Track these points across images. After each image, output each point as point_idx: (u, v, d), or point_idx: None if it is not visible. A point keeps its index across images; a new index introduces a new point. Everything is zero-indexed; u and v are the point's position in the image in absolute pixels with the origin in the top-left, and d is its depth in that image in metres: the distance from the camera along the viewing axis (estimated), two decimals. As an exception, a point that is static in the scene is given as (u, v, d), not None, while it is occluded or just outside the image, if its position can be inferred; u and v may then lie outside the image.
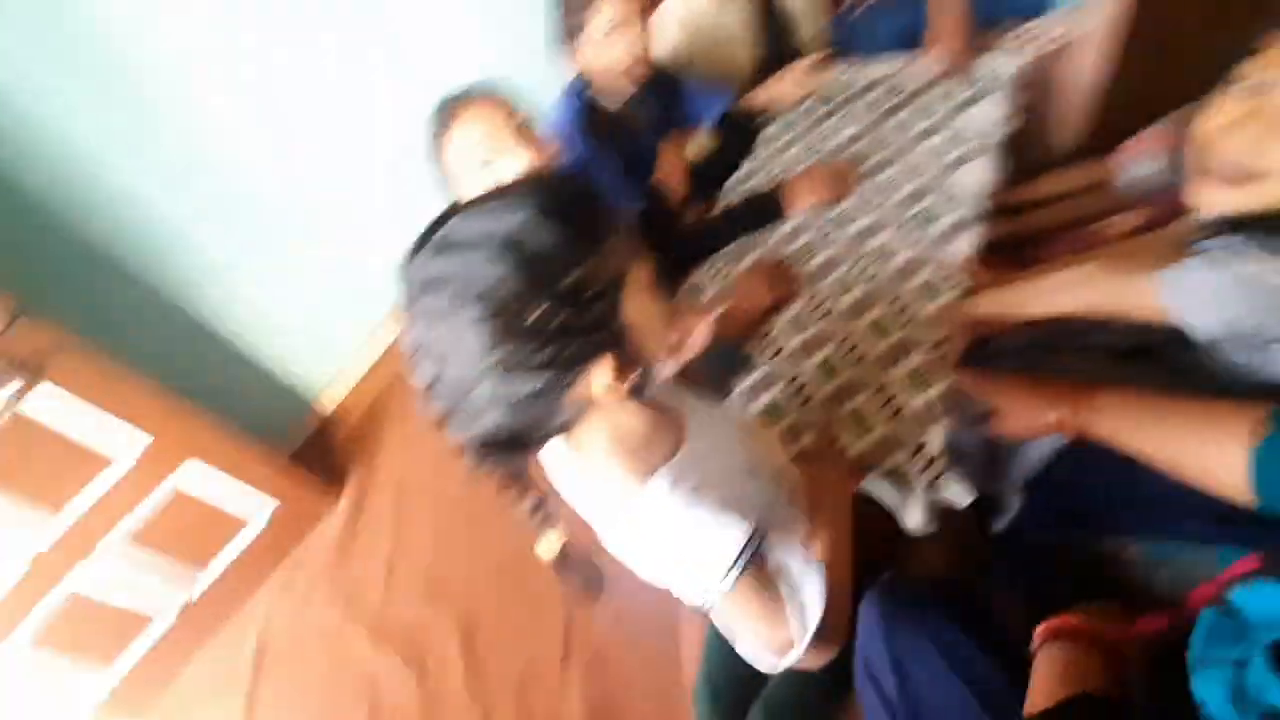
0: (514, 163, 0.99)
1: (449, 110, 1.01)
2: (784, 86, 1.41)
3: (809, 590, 0.70)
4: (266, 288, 1.87)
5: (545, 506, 0.63)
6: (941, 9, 1.32)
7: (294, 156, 1.82)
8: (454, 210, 0.53)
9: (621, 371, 0.55)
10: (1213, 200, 0.66)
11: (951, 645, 0.72)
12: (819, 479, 0.86)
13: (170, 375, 1.50)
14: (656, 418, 0.64)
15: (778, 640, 0.69)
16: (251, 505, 1.67)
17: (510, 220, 0.50)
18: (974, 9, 1.33)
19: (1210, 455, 0.62)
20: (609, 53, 1.16)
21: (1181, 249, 0.73)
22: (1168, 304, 0.70)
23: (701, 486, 0.62)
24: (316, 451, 2.01)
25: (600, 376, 0.54)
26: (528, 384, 0.51)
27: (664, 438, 0.64)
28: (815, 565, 0.72)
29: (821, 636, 0.70)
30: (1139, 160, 1.06)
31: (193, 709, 1.63)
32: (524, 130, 1.02)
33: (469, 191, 0.98)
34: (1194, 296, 0.69)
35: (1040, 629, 0.67)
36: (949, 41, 1.29)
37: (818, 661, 0.73)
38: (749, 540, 0.63)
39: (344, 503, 1.86)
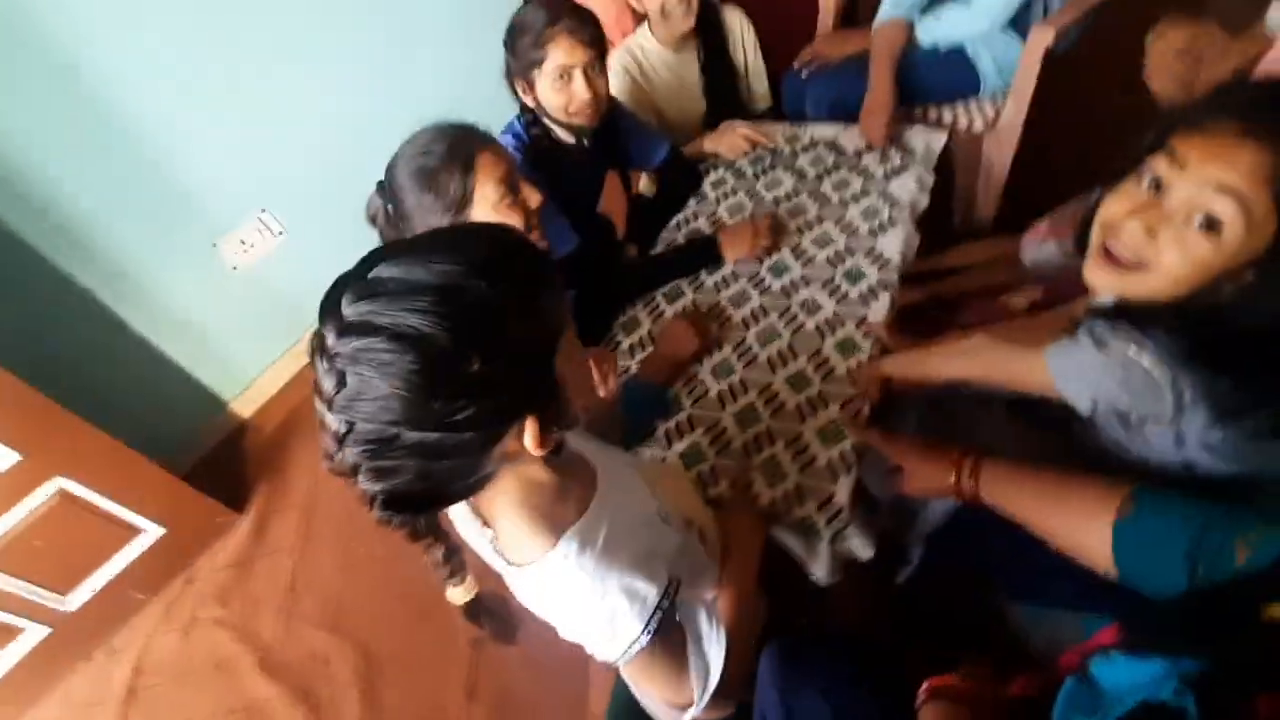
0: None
1: (466, 152, 0.92)
2: (731, 139, 1.46)
3: (713, 652, 0.71)
4: (178, 287, 1.77)
5: (456, 557, 0.60)
6: (876, 85, 1.41)
7: (218, 138, 1.74)
8: (382, 253, 0.49)
9: (546, 429, 0.52)
10: (1102, 280, 0.70)
11: (843, 701, 0.74)
12: (732, 525, 0.87)
13: (52, 377, 1.36)
14: (566, 474, 0.62)
15: (681, 698, 0.69)
16: (137, 523, 1.54)
17: (447, 269, 0.46)
18: (906, 87, 1.42)
19: (1078, 528, 0.66)
20: (564, 92, 1.17)
21: (1071, 327, 0.79)
22: (1052, 378, 0.75)
23: (611, 545, 0.61)
24: (222, 464, 1.89)
25: (527, 435, 0.51)
26: (451, 440, 0.47)
27: (573, 495, 0.62)
28: (719, 625, 0.73)
29: (723, 692, 0.70)
30: (1040, 244, 1.14)
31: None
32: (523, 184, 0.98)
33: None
34: (1075, 373, 0.73)
35: (924, 687, 0.69)
36: (879, 115, 1.37)
37: (719, 714, 0.73)
38: (657, 605, 0.62)
39: (246, 521, 1.74)
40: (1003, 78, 1.46)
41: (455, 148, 0.92)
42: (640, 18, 1.58)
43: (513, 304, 0.48)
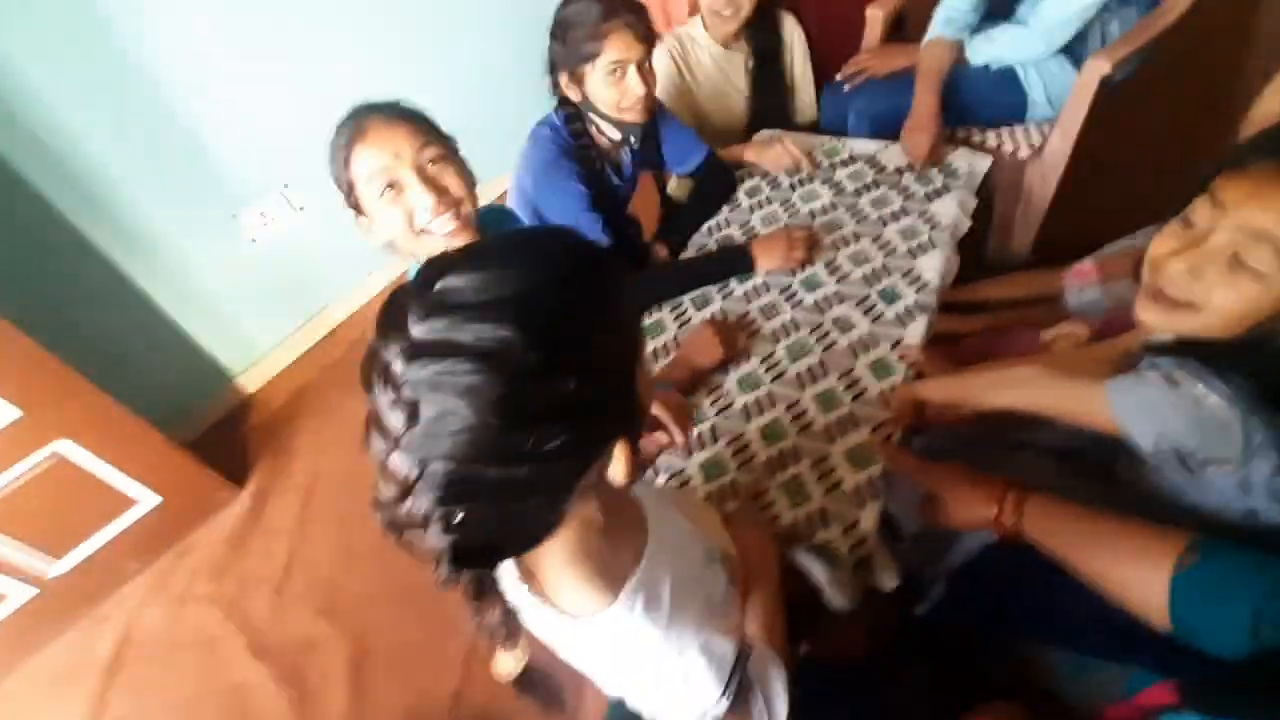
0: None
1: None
2: (775, 154, 1.42)
3: (775, 688, 0.64)
4: (195, 255, 1.75)
5: (513, 619, 0.50)
6: (920, 104, 1.37)
7: (248, 109, 1.72)
8: (446, 262, 0.42)
9: (633, 457, 0.46)
10: (1153, 318, 0.69)
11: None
12: (746, 542, 0.83)
13: (60, 337, 1.34)
14: (616, 514, 0.55)
15: None
16: (134, 491, 1.52)
17: (528, 277, 0.40)
18: (951, 107, 1.39)
19: (1132, 575, 0.63)
20: (617, 87, 1.15)
21: (1131, 360, 0.75)
22: (1114, 413, 0.71)
23: (678, 597, 0.55)
24: (224, 438, 1.87)
25: (617, 461, 0.45)
26: (542, 475, 0.42)
27: (627, 539, 0.56)
28: (776, 661, 0.67)
29: None
30: (1084, 287, 1.11)
31: (27, 704, 1.44)
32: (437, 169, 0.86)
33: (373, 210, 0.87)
34: (1141, 409, 0.69)
35: (952, 733, 0.66)
36: (923, 133, 1.34)
37: None
38: (735, 665, 0.57)
39: (245, 497, 1.72)
40: (1052, 105, 1.42)
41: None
42: (695, 7, 1.55)
43: (598, 314, 0.43)
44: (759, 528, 0.87)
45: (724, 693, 0.54)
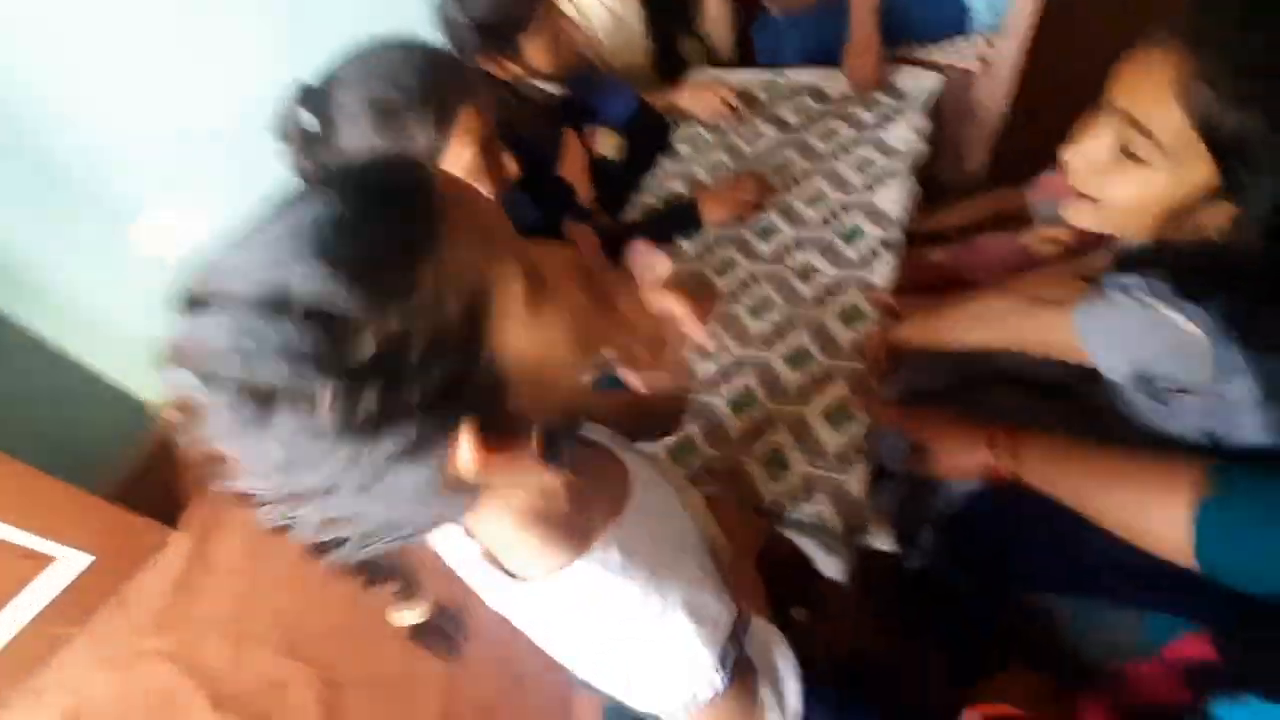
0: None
1: (445, 101, 0.72)
2: (710, 101, 1.30)
3: (788, 687, 0.57)
4: (82, 282, 1.56)
5: (413, 584, 0.46)
6: (859, 26, 1.27)
7: (121, 107, 1.52)
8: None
9: (493, 438, 0.35)
10: (1075, 216, 0.66)
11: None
12: (730, 530, 0.75)
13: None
14: (588, 472, 0.47)
15: None
16: (56, 552, 1.36)
17: (281, 269, 0.30)
18: (889, 26, 1.29)
19: (1149, 515, 0.57)
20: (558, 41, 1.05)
21: (1091, 282, 0.69)
22: (1083, 343, 0.66)
23: (664, 556, 0.48)
24: (153, 477, 1.70)
25: (464, 454, 0.35)
26: (378, 497, 0.34)
27: (602, 496, 0.48)
28: (782, 641, 0.60)
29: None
30: (1053, 198, 1.04)
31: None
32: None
33: None
34: (1111, 337, 0.65)
35: (970, 717, 0.60)
36: (865, 55, 1.24)
37: None
38: (732, 632, 0.48)
39: (185, 538, 1.57)
40: (994, 13, 1.34)
41: (432, 90, 0.71)
42: None
43: (382, 288, 0.31)
44: (744, 517, 0.80)
45: (719, 663, 0.45)
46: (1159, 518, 0.56)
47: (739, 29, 1.57)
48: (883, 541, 0.83)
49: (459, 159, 0.74)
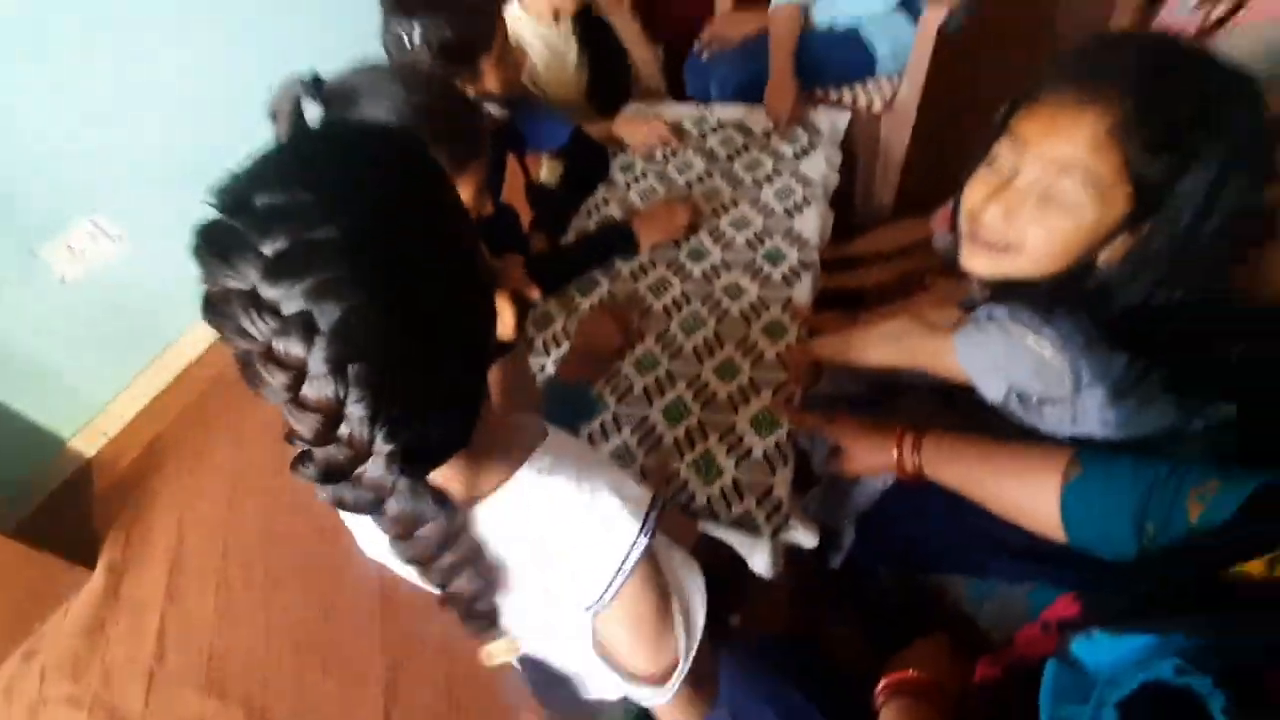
0: None
1: (467, 145, 0.77)
2: (645, 134, 1.38)
3: (694, 595, 0.62)
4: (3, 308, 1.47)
5: (490, 591, 0.49)
6: (777, 69, 1.39)
7: (30, 123, 1.46)
8: (250, 183, 0.36)
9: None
10: (979, 265, 0.69)
11: (791, 709, 0.69)
12: (668, 529, 0.80)
13: None
14: (514, 410, 0.54)
15: (663, 659, 0.58)
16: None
17: (349, 175, 0.37)
18: (804, 69, 1.41)
19: (1026, 493, 0.65)
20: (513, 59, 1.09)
21: (966, 309, 0.78)
22: (961, 364, 0.74)
23: (589, 461, 0.53)
24: (64, 511, 1.60)
25: (504, 316, 0.49)
26: (453, 342, 0.41)
27: (528, 426, 0.53)
28: (693, 567, 0.64)
29: (699, 685, 0.61)
30: (944, 231, 1.16)
31: None
32: None
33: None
34: (984, 361, 0.72)
35: (882, 684, 0.66)
36: (783, 97, 1.36)
37: (697, 713, 0.63)
38: (651, 504, 0.53)
39: (97, 576, 1.48)
40: (897, 60, 1.48)
41: (459, 132, 0.75)
42: None
43: (433, 195, 0.42)
44: (676, 515, 0.85)
45: (642, 529, 0.51)
46: (1037, 499, 0.63)
47: (670, 67, 1.67)
48: (807, 539, 0.89)
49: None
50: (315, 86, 0.68)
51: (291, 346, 0.34)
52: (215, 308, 0.36)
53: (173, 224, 1.71)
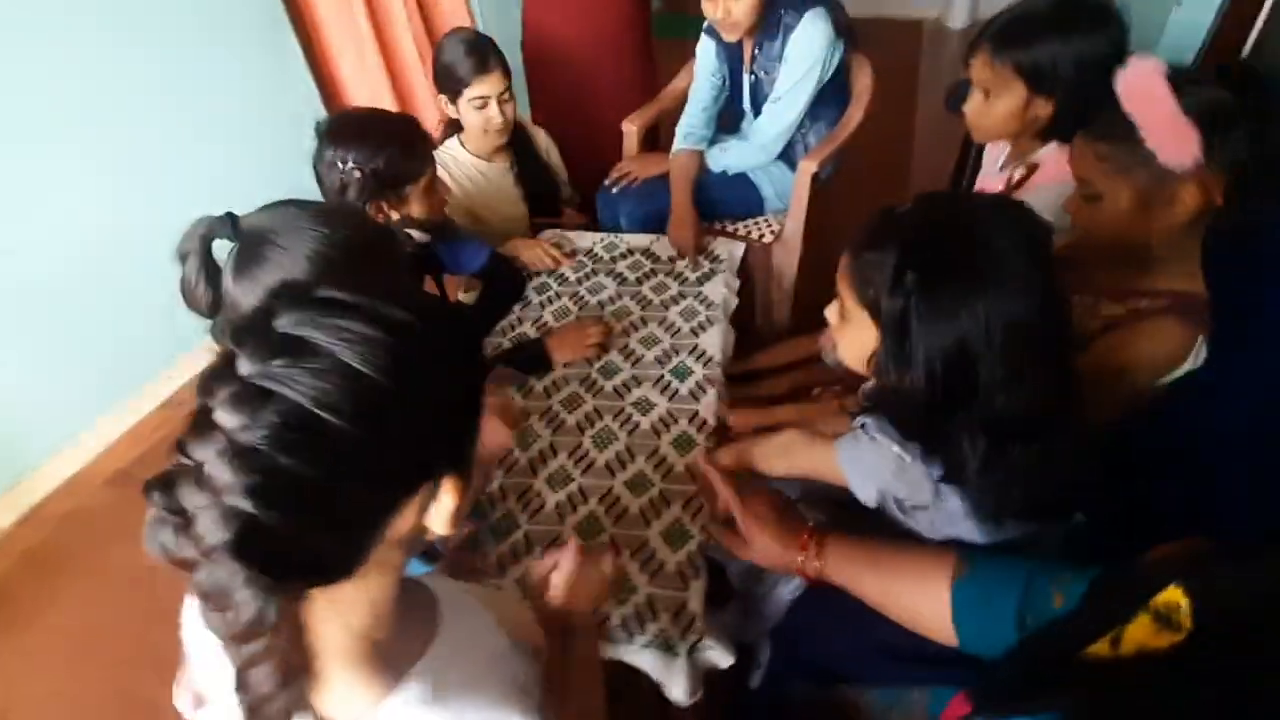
0: None
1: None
2: (535, 252, 1.49)
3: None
4: None
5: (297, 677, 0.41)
6: (677, 204, 1.57)
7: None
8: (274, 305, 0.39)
9: (459, 509, 0.45)
10: (828, 357, 0.80)
11: None
12: (574, 653, 0.76)
13: None
14: (406, 599, 0.48)
15: None
16: None
17: (402, 313, 0.41)
18: (704, 205, 1.60)
19: (917, 595, 0.68)
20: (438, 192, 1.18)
21: (844, 415, 0.87)
22: (842, 473, 0.81)
23: (472, 682, 0.48)
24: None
25: (443, 500, 0.44)
26: (364, 483, 0.39)
27: (415, 624, 0.49)
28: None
29: None
30: (829, 347, 1.29)
31: None
32: None
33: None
34: (858, 467, 0.79)
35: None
36: (684, 229, 1.52)
37: None
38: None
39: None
40: (781, 200, 1.70)
41: (379, 263, 0.75)
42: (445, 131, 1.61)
43: (448, 348, 0.44)
44: (587, 638, 0.81)
45: None
46: (928, 600, 0.66)
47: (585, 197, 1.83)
48: (723, 658, 0.87)
49: None
50: (231, 224, 0.70)
51: (247, 362, 0.37)
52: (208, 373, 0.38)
53: (46, 340, 1.60)
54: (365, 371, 0.38)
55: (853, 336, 0.74)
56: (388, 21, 1.96)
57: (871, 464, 0.75)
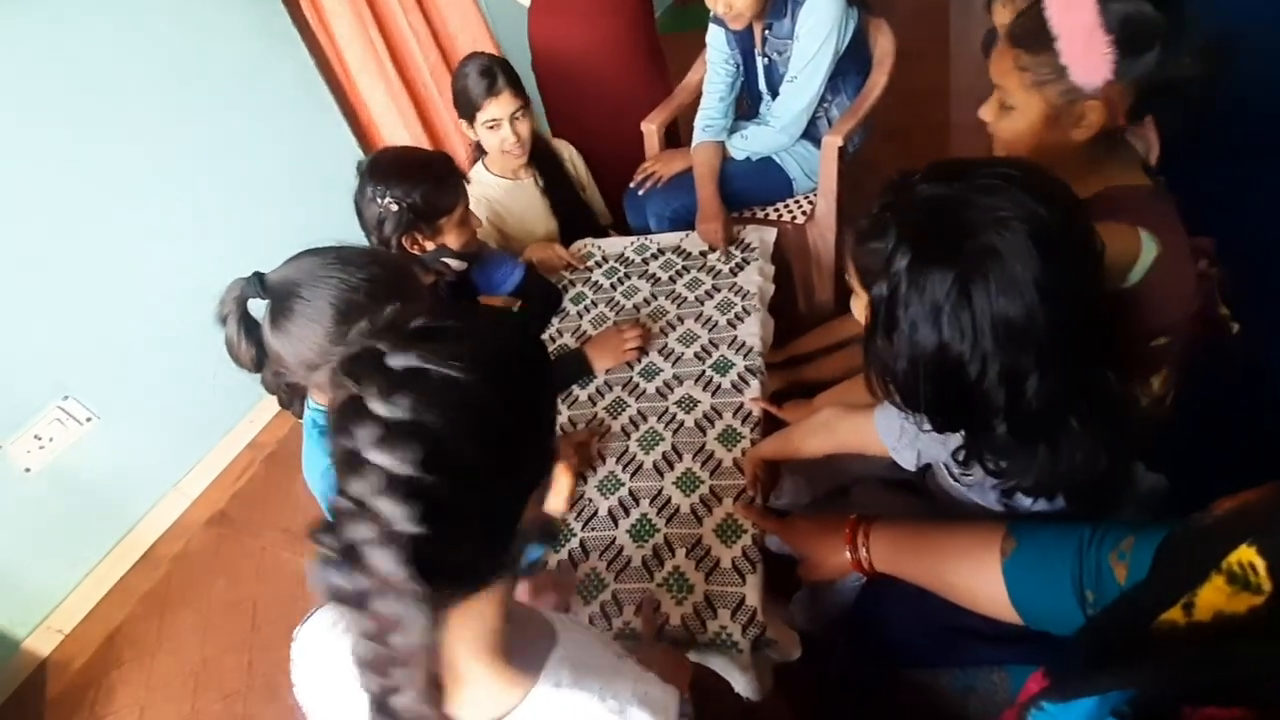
0: None
1: None
2: (548, 254, 1.55)
3: None
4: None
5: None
6: (704, 198, 1.55)
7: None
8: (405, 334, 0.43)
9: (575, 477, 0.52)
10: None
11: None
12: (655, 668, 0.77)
13: None
14: (524, 613, 0.52)
15: None
16: None
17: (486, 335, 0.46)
18: (731, 196, 1.58)
19: (971, 577, 0.65)
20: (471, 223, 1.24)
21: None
22: (881, 440, 0.78)
23: (607, 667, 0.51)
24: (21, 716, 1.48)
25: (560, 486, 0.49)
26: (508, 480, 0.44)
27: (535, 625, 0.52)
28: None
29: None
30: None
31: None
32: None
33: None
34: (896, 434, 0.77)
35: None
36: (713, 222, 1.50)
37: None
38: (680, 709, 0.51)
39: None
40: (810, 179, 1.65)
41: (406, 295, 0.78)
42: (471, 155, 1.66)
43: (539, 370, 0.49)
44: (666, 652, 0.81)
45: None
46: (982, 581, 0.63)
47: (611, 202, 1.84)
48: (789, 651, 0.86)
49: None
50: (259, 283, 0.75)
51: (383, 404, 0.39)
52: (351, 358, 0.42)
53: (141, 402, 1.74)
54: (481, 384, 0.41)
55: (861, 309, 0.72)
56: (408, 55, 2.03)
57: (906, 429, 0.73)
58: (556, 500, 0.49)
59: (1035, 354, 0.57)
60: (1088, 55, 0.71)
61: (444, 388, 0.40)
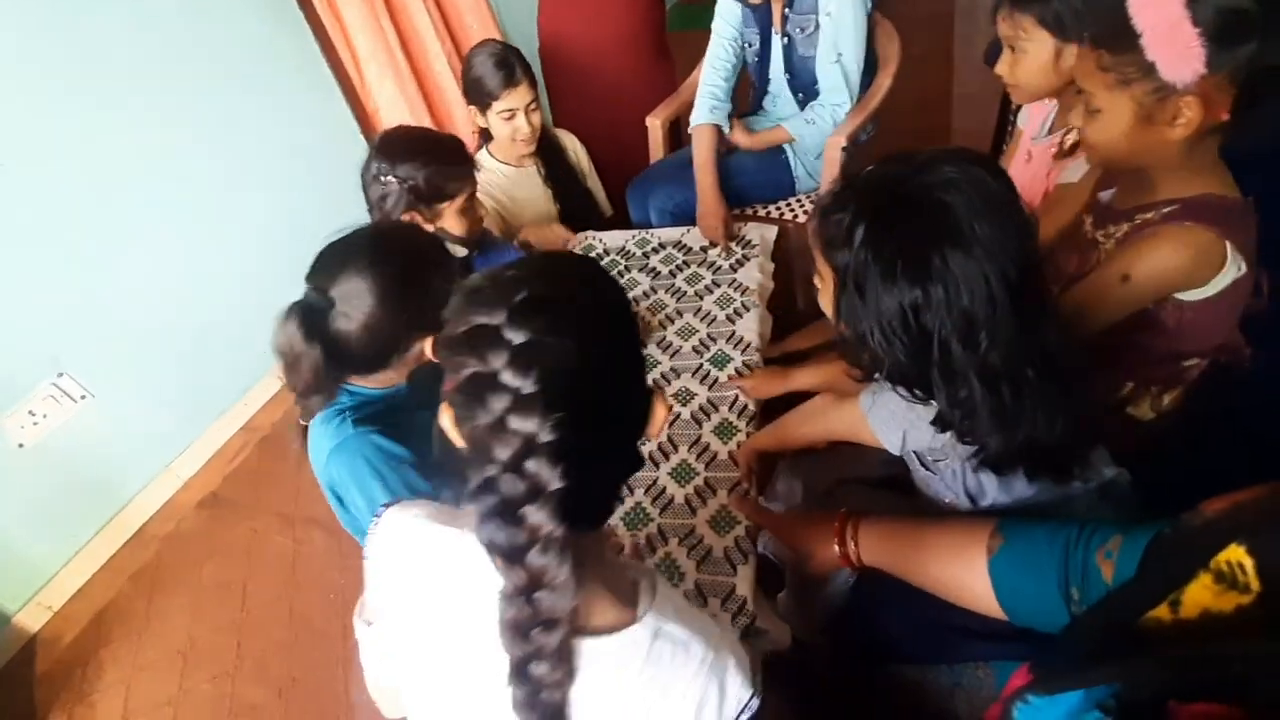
0: None
1: None
2: (548, 233, 1.59)
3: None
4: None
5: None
6: (703, 192, 1.55)
7: None
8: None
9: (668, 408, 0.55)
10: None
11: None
12: None
13: None
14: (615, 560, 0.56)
15: None
16: None
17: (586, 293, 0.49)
18: (733, 192, 1.58)
19: (958, 573, 0.65)
20: (473, 212, 1.24)
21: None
22: (869, 426, 0.80)
23: (694, 619, 0.52)
24: (6, 694, 1.48)
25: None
26: (626, 415, 0.50)
27: (628, 572, 0.54)
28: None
29: None
30: None
31: None
32: None
33: None
34: (884, 419, 0.78)
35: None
36: (713, 217, 1.50)
37: None
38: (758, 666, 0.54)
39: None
40: (813, 178, 1.66)
41: (438, 267, 0.86)
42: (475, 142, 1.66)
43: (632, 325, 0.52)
44: None
45: (754, 692, 0.51)
46: (968, 577, 0.64)
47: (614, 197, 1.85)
48: (778, 639, 0.87)
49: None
50: (300, 312, 0.78)
51: (512, 378, 0.42)
52: (462, 338, 0.45)
53: (136, 380, 1.73)
54: (596, 342, 0.46)
55: (827, 295, 0.73)
56: (417, 41, 2.02)
57: (891, 410, 0.75)
58: (653, 428, 0.53)
59: (989, 305, 0.61)
60: (1175, 50, 0.68)
61: (564, 354, 0.43)
